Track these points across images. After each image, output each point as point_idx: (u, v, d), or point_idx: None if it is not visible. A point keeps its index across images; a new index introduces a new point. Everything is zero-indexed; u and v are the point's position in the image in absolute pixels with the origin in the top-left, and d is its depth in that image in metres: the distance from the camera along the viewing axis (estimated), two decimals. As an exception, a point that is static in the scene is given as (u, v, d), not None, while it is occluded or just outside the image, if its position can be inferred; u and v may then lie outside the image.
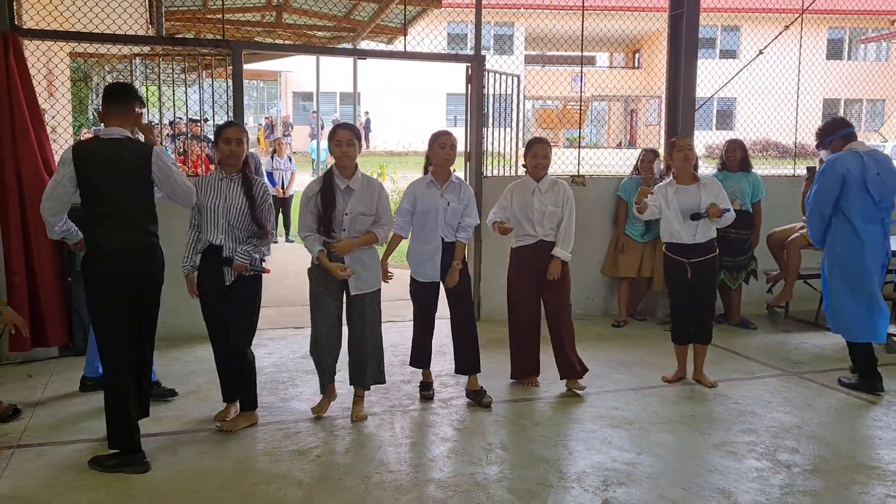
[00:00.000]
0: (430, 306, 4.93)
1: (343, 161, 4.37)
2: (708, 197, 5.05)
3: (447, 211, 4.75)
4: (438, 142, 4.75)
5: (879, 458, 4.05)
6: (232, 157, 4.24)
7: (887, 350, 6.11)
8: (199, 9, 9.66)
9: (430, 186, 4.78)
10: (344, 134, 4.39)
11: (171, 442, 4.15)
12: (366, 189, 4.43)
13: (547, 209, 4.97)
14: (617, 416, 4.63)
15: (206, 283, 4.30)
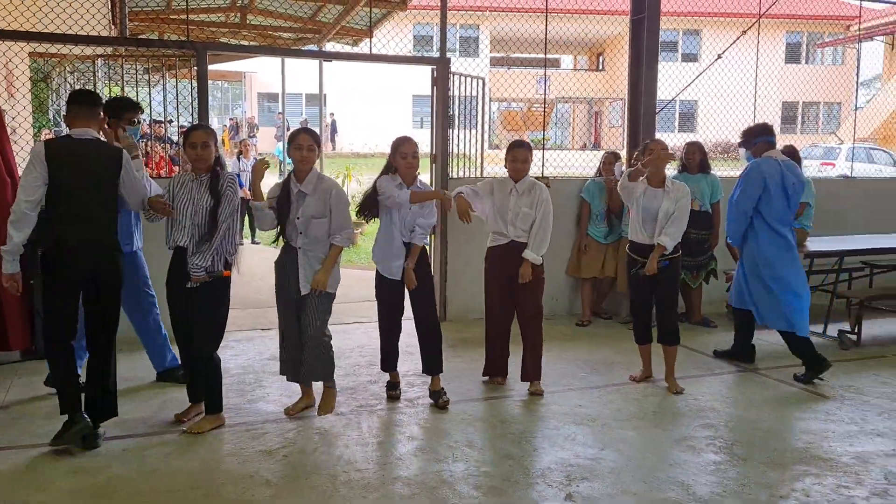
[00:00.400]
0: (396, 307, 4.95)
1: (303, 165, 4.41)
2: (669, 203, 5.07)
3: (408, 213, 4.77)
4: (399, 151, 4.75)
5: (832, 451, 4.19)
6: (199, 161, 4.23)
7: (841, 347, 6.31)
8: (162, 9, 9.59)
9: (399, 188, 4.77)
10: (305, 139, 4.41)
11: (139, 444, 4.14)
12: (317, 191, 4.43)
13: (521, 211, 4.99)
14: (581, 414, 4.73)
15: (172, 285, 4.30)
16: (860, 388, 5.28)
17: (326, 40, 11.02)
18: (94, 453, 3.99)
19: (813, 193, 6.86)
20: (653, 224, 5.13)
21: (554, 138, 34.69)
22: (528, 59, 32.25)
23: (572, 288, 7.42)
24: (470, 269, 6.15)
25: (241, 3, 10.20)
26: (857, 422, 4.63)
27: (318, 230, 4.42)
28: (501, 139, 32.07)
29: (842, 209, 8.30)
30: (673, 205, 5.10)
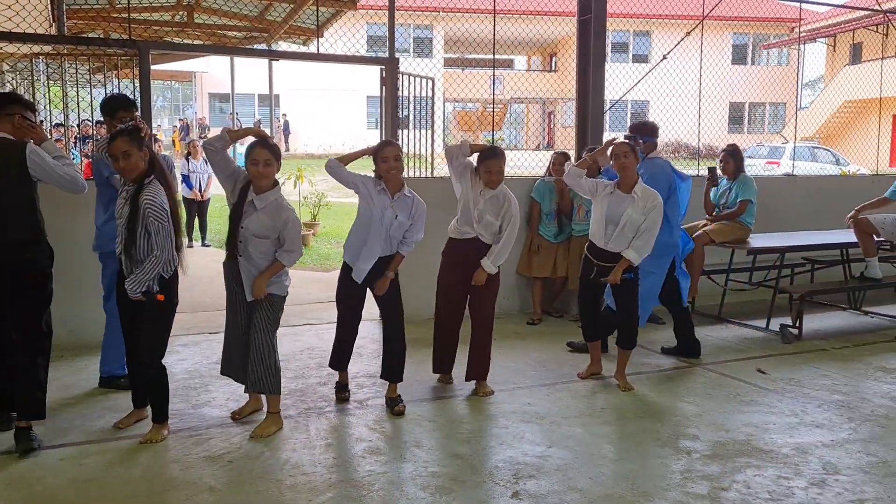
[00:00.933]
0: (356, 308, 4.89)
1: (259, 181, 4.22)
2: (634, 210, 5.00)
3: (393, 224, 4.66)
4: (381, 155, 4.62)
5: (773, 442, 4.29)
6: (123, 173, 4.06)
7: (783, 341, 6.45)
8: (104, 7, 9.38)
9: (382, 194, 4.66)
10: (261, 153, 4.19)
11: (77, 452, 4.03)
12: (269, 211, 4.24)
13: (485, 218, 4.90)
14: (529, 412, 4.75)
15: (119, 292, 4.20)
16: (801, 380, 5.41)
17: (275, 39, 10.91)
18: (31, 464, 3.88)
19: (755, 191, 7.00)
20: (613, 228, 5.08)
21: (508, 138, 34.92)
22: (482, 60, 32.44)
23: (524, 287, 7.46)
24: (423, 270, 6.12)
25: (188, 2, 10.04)
26: (797, 413, 4.74)
27: (257, 247, 4.27)
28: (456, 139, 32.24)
29: (784, 207, 8.50)
30: (640, 214, 5.02)
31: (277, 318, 4.47)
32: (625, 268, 5.07)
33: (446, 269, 5.14)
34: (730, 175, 7.13)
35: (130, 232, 4.00)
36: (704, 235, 6.89)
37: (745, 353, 6.12)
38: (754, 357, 6.01)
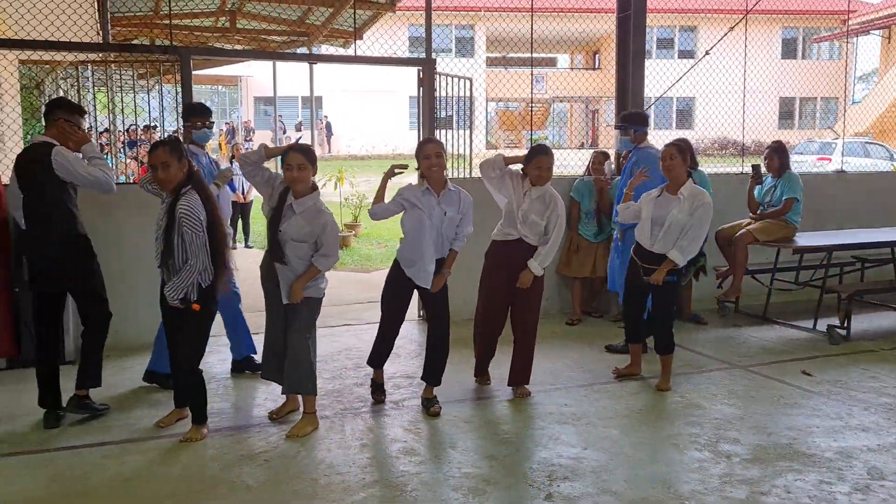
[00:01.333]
0: (403, 311, 4.86)
1: (295, 186, 4.28)
2: (679, 212, 4.95)
3: (444, 222, 4.64)
4: (423, 153, 4.62)
5: (816, 446, 4.18)
6: (160, 184, 4.14)
7: (831, 342, 6.29)
8: (149, 15, 9.59)
9: (427, 194, 4.64)
10: (295, 157, 4.25)
11: (119, 450, 4.13)
12: (308, 217, 4.29)
13: (530, 217, 4.86)
14: (566, 413, 4.71)
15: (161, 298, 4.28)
16: (847, 382, 5.26)
17: (316, 43, 11.02)
18: (76, 461, 3.98)
19: (801, 188, 6.84)
20: (658, 230, 5.03)
21: (551, 137, 34.71)
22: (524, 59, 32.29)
23: (563, 287, 7.40)
24: (464, 271, 6.11)
25: (230, 7, 10.20)
26: (842, 417, 4.62)
27: (295, 252, 4.31)
28: (498, 139, 32.14)
29: (834, 204, 8.28)
30: (685, 214, 4.95)
31: (314, 320, 4.51)
32: (669, 269, 5.00)
33: (490, 272, 5.08)
34: (775, 172, 6.97)
35: (167, 242, 4.08)
36: (748, 234, 6.76)
37: (791, 355, 5.98)
38: (800, 358, 5.87)
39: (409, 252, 4.67)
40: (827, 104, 32.35)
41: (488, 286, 5.10)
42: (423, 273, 4.65)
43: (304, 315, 4.42)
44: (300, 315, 4.40)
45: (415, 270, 4.66)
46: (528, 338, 5.07)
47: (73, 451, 4.12)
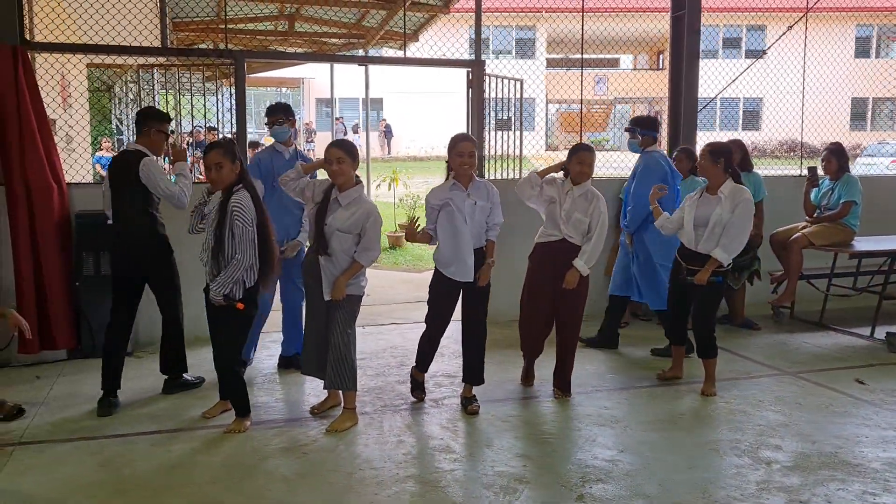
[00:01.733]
0: (450, 312, 4.87)
1: (335, 179, 4.40)
2: (722, 209, 4.92)
3: (475, 211, 4.69)
4: (456, 150, 4.66)
5: (863, 456, 4.05)
6: (213, 184, 4.30)
7: (889, 350, 6.08)
8: (212, 19, 9.88)
9: (455, 189, 4.69)
10: (334, 152, 4.39)
11: (167, 439, 4.29)
12: (353, 208, 4.40)
13: (574, 215, 4.89)
14: (605, 415, 4.68)
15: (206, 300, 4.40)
16: (903, 392, 5.09)
17: (372, 45, 11.17)
18: (125, 448, 4.15)
19: (860, 191, 6.63)
20: (702, 230, 4.98)
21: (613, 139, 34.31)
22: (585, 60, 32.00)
23: (611, 289, 7.31)
24: (507, 272, 6.13)
25: (289, 12, 10.42)
26: (894, 427, 4.47)
27: (339, 243, 4.41)
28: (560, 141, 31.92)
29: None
30: (728, 212, 4.91)
31: (355, 317, 4.61)
32: (714, 269, 4.93)
33: (534, 274, 5.08)
34: (832, 175, 6.78)
35: (218, 237, 4.22)
36: (803, 238, 6.58)
37: (845, 362, 5.81)
38: (854, 366, 5.69)
39: (446, 252, 4.71)
40: (903, 105, 31.11)
41: (532, 288, 5.10)
42: (463, 268, 4.67)
43: (346, 312, 4.51)
44: (342, 312, 4.49)
45: (454, 269, 4.69)
46: (572, 339, 5.07)
47: (123, 439, 4.29)
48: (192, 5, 7.35)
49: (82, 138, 8.02)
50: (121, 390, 4.85)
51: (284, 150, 5.47)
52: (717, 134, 8.70)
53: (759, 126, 30.09)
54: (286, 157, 5.42)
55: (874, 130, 29.65)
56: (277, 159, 5.40)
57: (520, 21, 29.14)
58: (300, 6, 10.08)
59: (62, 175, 5.75)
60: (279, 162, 5.35)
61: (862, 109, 30.64)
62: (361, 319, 6.75)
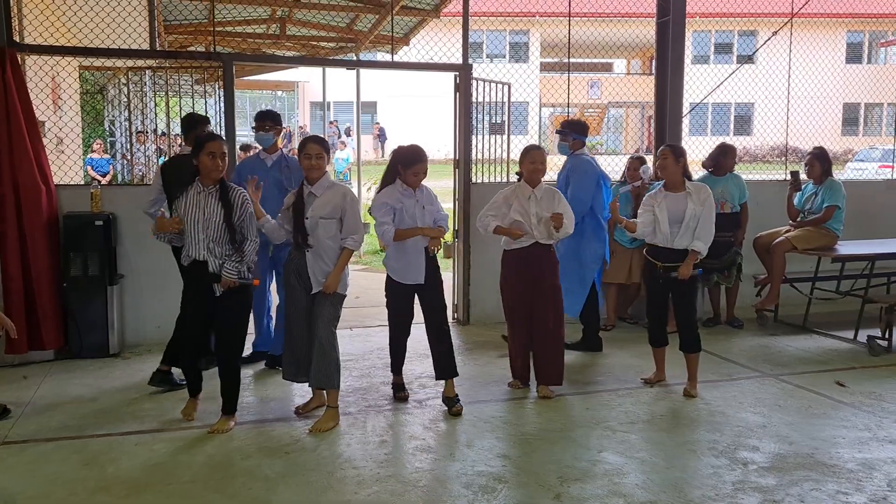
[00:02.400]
0: (409, 311, 5.02)
1: (312, 173, 4.55)
2: (694, 204, 5.05)
3: (424, 214, 4.84)
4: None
5: (839, 457, 4.11)
6: (215, 171, 4.35)
7: (871, 353, 6.14)
8: (202, 22, 9.91)
9: (408, 196, 4.82)
10: (313, 147, 4.55)
11: (151, 438, 4.32)
12: (328, 193, 4.57)
13: (544, 216, 5.03)
14: (587, 416, 4.73)
15: (192, 297, 4.46)
16: (882, 394, 5.14)
17: (365, 49, 11.22)
18: (109, 447, 4.18)
19: (843, 196, 6.69)
20: (678, 227, 5.09)
21: (607, 143, 34.41)
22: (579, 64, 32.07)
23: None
24: (494, 273, 6.17)
25: (280, 15, 10.47)
26: (871, 428, 4.52)
27: (325, 231, 4.52)
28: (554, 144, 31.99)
29: (882, 213, 8.07)
30: (699, 207, 5.08)
31: (339, 315, 4.68)
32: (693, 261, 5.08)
33: (513, 283, 5.16)
34: (816, 179, 6.85)
35: (230, 225, 4.36)
36: (786, 242, 6.65)
37: (827, 365, 5.87)
38: (836, 369, 5.75)
39: (397, 259, 4.87)
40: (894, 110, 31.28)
41: (513, 299, 5.20)
42: (414, 272, 4.86)
43: (331, 310, 4.59)
44: (328, 310, 4.57)
45: (405, 274, 4.87)
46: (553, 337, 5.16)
47: (107, 438, 4.32)
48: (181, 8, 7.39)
49: (71, 140, 8.03)
50: (108, 391, 4.90)
51: (267, 157, 5.53)
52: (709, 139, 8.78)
53: (750, 131, 30.23)
54: (268, 165, 5.49)
55: (866, 136, 29.81)
56: (259, 166, 5.46)
57: (513, 25, 29.25)
58: (292, 10, 10.12)
59: (50, 176, 5.78)
60: (261, 169, 5.40)
61: (854, 115, 30.81)
62: (349, 321, 6.86)
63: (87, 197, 5.86)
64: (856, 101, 29.98)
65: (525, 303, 5.14)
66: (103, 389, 5.17)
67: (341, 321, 4.72)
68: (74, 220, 5.78)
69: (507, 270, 5.21)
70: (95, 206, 5.83)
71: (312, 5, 9.39)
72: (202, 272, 4.38)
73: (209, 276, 4.37)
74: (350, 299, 7.66)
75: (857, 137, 28.93)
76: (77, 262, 5.74)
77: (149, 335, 6.08)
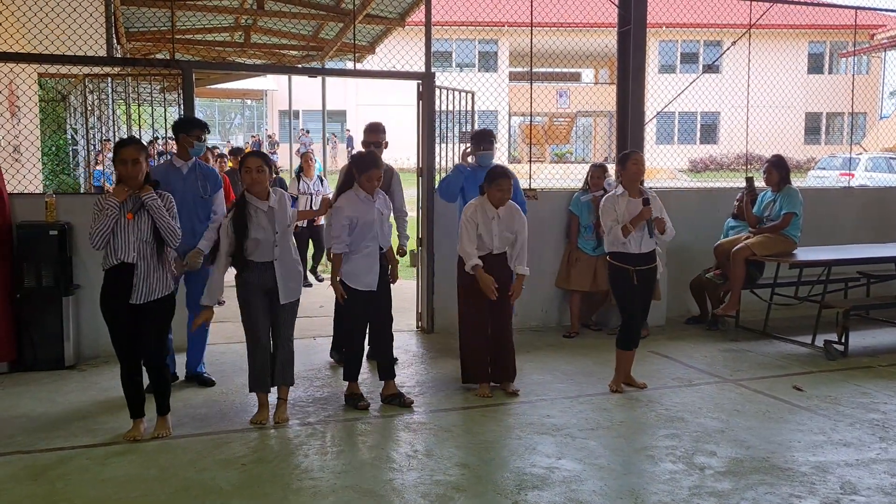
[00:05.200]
0: (366, 321, 5.11)
1: (254, 188, 4.57)
2: (653, 209, 5.24)
3: (382, 219, 5.01)
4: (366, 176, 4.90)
5: (793, 461, 4.15)
6: (129, 179, 4.25)
7: (828, 357, 6.23)
8: (165, 30, 9.82)
9: (366, 201, 4.93)
10: (254, 161, 4.59)
11: (104, 453, 4.23)
12: (282, 206, 4.66)
13: (504, 234, 5.23)
14: (547, 424, 4.73)
15: (116, 302, 4.31)
16: (837, 398, 5.21)
17: (328, 57, 11.18)
18: (60, 462, 4.09)
19: (800, 203, 6.79)
20: (642, 231, 5.22)
21: (577, 151, 34.68)
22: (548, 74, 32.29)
23: (562, 299, 7.41)
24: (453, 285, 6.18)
25: (245, 23, 10.41)
26: (825, 431, 4.58)
27: (289, 239, 4.69)
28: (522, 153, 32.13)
29: (839, 219, 8.21)
30: (658, 211, 5.29)
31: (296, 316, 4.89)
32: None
33: (467, 288, 5.29)
34: (774, 187, 6.94)
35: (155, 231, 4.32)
36: (746, 248, 6.72)
37: (785, 370, 5.93)
38: (793, 374, 5.82)
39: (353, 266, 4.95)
40: (855, 120, 31.92)
41: (469, 300, 5.31)
42: (371, 279, 4.97)
43: (292, 316, 4.79)
44: (291, 313, 4.77)
45: (362, 281, 4.96)
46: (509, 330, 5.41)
47: (59, 453, 4.23)
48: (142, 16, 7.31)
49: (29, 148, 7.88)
50: (61, 403, 4.80)
51: (183, 165, 5.31)
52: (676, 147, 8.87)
53: (716, 139, 30.69)
54: (184, 172, 5.29)
55: (828, 144, 30.38)
56: (173, 174, 5.24)
57: (482, 35, 29.38)
58: (256, 18, 10.08)
59: (3, 185, 5.66)
60: (176, 177, 5.23)
61: (816, 124, 31.41)
62: (313, 331, 6.81)
63: (41, 206, 5.76)
64: (818, 110, 30.57)
65: (483, 309, 5.29)
66: (56, 402, 5.06)
67: (306, 331, 4.79)
68: (28, 230, 5.67)
69: (465, 278, 5.30)
70: (50, 216, 5.73)
71: (276, 13, 9.34)
72: (125, 276, 4.27)
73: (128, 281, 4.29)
74: (314, 308, 7.69)
75: (819, 146, 29.47)
76: (31, 273, 5.63)
77: (106, 347, 5.86)
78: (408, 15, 9.44)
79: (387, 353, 5.14)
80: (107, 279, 4.34)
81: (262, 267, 4.61)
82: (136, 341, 4.37)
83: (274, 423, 4.66)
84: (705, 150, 29.64)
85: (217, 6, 9.35)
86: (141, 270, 4.29)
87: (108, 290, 4.33)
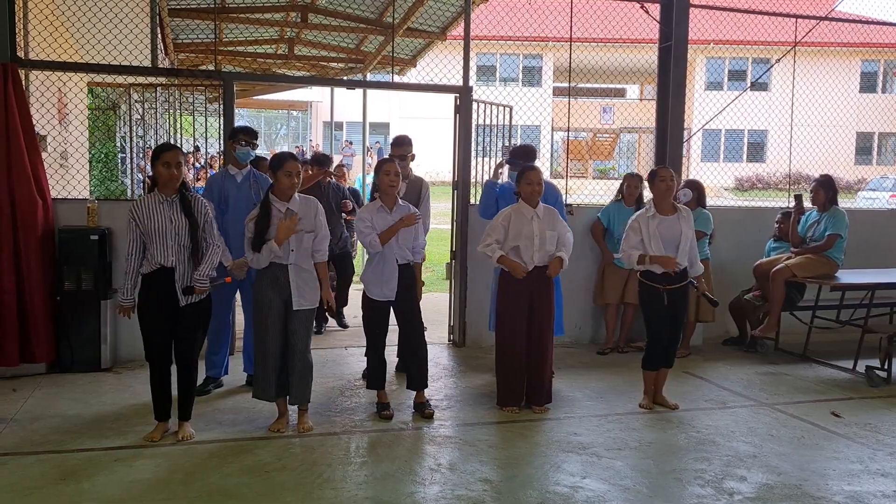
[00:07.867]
0: (386, 327, 5.17)
1: (291, 191, 4.63)
2: (687, 227, 5.20)
3: (400, 234, 4.97)
4: (383, 169, 4.98)
5: (827, 489, 4.02)
6: (172, 180, 4.36)
7: (869, 384, 6.04)
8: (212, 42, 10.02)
9: (381, 212, 4.98)
10: (293, 165, 4.62)
11: (132, 455, 4.29)
12: (303, 208, 4.67)
13: (546, 234, 5.10)
14: (573, 442, 4.66)
15: (154, 304, 4.40)
16: (877, 426, 5.04)
17: (370, 69, 11.30)
18: (89, 462, 4.16)
19: (846, 225, 6.62)
20: (674, 251, 5.14)
21: (620, 168, 34.38)
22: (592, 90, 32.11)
23: (596, 315, 7.32)
24: (489, 296, 6.15)
25: (289, 36, 10.57)
26: (863, 460, 4.43)
27: (305, 244, 4.66)
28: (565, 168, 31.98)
29: (886, 242, 7.97)
30: (690, 229, 5.24)
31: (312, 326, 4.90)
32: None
33: (507, 303, 5.17)
34: (820, 207, 6.78)
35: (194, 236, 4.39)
36: (786, 269, 6.57)
37: (824, 395, 5.77)
38: (832, 399, 5.66)
39: (373, 276, 5.02)
40: (909, 140, 31.13)
41: (508, 316, 5.18)
42: (387, 289, 5.01)
43: (309, 325, 4.78)
44: (306, 324, 4.73)
45: (380, 291, 5.01)
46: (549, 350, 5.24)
47: (89, 453, 4.30)
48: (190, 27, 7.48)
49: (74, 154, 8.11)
50: (95, 405, 4.89)
51: (237, 173, 5.50)
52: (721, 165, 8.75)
53: (763, 158, 30.14)
54: (238, 181, 5.48)
55: (880, 165, 29.62)
56: (229, 182, 5.47)
57: (527, 49, 29.37)
58: (300, 31, 10.23)
59: (47, 190, 5.82)
60: (231, 185, 5.45)
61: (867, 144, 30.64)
62: (347, 341, 6.83)
63: (84, 211, 5.90)
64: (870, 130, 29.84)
65: (523, 327, 5.15)
66: (90, 404, 5.16)
67: (337, 340, 4.79)
68: (70, 234, 5.81)
69: (504, 294, 5.20)
70: (91, 221, 5.86)
71: (320, 26, 9.48)
72: (167, 279, 4.37)
73: (184, 288, 4.39)
74: (349, 318, 7.70)
75: (870, 167, 28.75)
76: (71, 276, 5.76)
77: (142, 350, 5.97)
78: (449, 29, 9.48)
79: (414, 364, 5.13)
80: (146, 283, 4.44)
81: (276, 269, 4.62)
82: (172, 343, 4.49)
83: (298, 432, 4.68)
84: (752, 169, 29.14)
85: (262, 19, 9.52)
86: (180, 274, 4.39)
87: (146, 293, 4.43)
